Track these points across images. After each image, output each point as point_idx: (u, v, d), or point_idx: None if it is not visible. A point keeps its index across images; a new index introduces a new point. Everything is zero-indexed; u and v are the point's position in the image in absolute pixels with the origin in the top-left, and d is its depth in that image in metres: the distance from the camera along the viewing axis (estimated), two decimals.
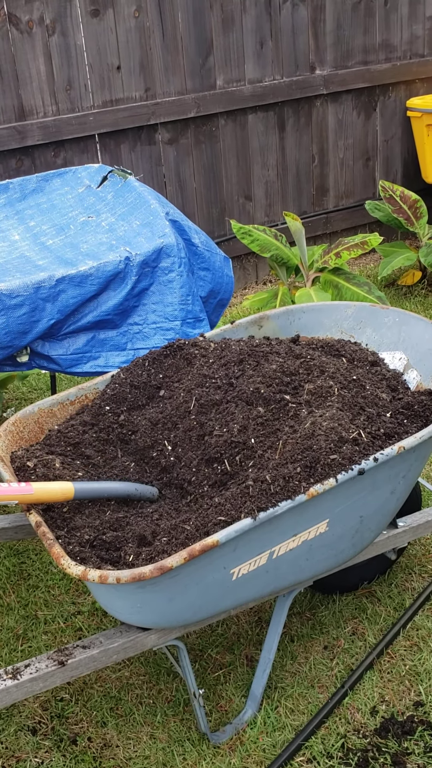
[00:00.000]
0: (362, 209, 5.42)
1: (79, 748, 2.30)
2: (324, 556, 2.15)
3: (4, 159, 4.23)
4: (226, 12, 4.66)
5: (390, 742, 2.25)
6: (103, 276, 2.74)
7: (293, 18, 4.92)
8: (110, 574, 1.78)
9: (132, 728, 2.35)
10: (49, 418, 2.47)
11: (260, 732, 2.31)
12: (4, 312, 2.60)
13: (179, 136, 4.75)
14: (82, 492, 2.10)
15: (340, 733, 2.29)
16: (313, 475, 1.97)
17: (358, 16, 5.17)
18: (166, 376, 2.51)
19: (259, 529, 1.91)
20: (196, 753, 2.26)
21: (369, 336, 2.69)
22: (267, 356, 2.43)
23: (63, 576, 2.91)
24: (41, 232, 3.08)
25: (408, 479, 2.20)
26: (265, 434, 2.15)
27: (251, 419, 2.18)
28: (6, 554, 3.04)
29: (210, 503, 2.01)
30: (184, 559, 1.80)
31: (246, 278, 5.39)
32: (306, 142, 5.26)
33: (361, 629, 2.62)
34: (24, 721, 2.39)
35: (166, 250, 2.83)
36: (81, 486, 2.10)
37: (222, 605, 2.05)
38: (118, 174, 3.23)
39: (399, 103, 5.54)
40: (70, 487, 2.07)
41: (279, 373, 2.31)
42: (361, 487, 2.06)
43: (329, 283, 4.32)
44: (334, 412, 2.14)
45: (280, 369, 2.32)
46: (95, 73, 4.37)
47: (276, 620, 2.33)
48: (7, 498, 1.96)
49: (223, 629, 2.65)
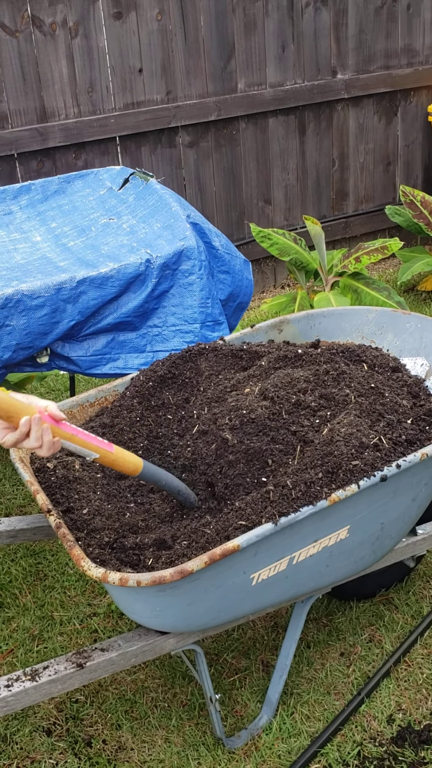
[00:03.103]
0: (382, 214, 5.40)
1: (93, 750, 2.30)
2: (344, 563, 2.14)
3: (25, 160, 4.25)
4: (248, 16, 4.66)
5: (407, 751, 2.24)
6: (123, 278, 2.75)
7: (315, 22, 4.91)
8: (131, 577, 1.77)
9: (147, 731, 2.34)
10: (69, 419, 2.46)
11: (276, 738, 2.30)
12: (26, 313, 2.61)
13: (200, 139, 4.75)
14: (147, 472, 2.03)
15: (356, 741, 2.27)
16: (334, 481, 1.96)
17: (380, 21, 5.16)
18: (186, 379, 2.50)
19: (280, 534, 1.90)
20: (211, 758, 2.25)
21: (390, 341, 2.67)
22: (287, 361, 2.42)
23: (79, 577, 2.91)
24: (63, 234, 3.08)
25: (430, 486, 2.18)
26: (285, 440, 2.14)
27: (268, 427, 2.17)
28: (22, 555, 3.04)
29: (231, 507, 2.00)
30: (205, 563, 1.79)
31: (264, 282, 5.38)
32: (326, 146, 5.25)
33: (378, 636, 2.60)
34: (39, 722, 2.38)
35: (186, 253, 2.83)
36: (149, 467, 2.04)
37: (241, 610, 2.04)
38: (139, 176, 3.23)
39: (420, 108, 5.52)
40: (140, 462, 2.01)
41: (299, 379, 2.29)
42: (383, 494, 2.05)
43: (348, 287, 4.31)
44: (351, 419, 2.12)
45: (302, 376, 2.31)
46: (117, 76, 4.38)
47: (293, 626, 2.32)
48: (93, 448, 1.88)
49: (239, 634, 2.64)
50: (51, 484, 2.17)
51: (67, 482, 2.17)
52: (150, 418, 2.43)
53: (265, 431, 2.14)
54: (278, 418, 2.16)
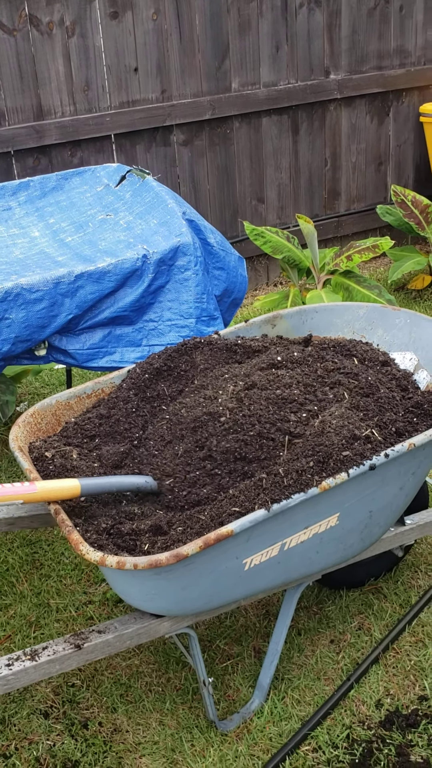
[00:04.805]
0: (374, 213, 5.47)
1: (89, 732, 2.36)
2: (333, 550, 2.20)
3: (21, 158, 4.30)
4: (242, 16, 4.72)
5: (394, 734, 2.30)
6: (120, 273, 2.80)
7: (309, 23, 4.98)
8: (128, 560, 1.83)
9: (141, 714, 2.40)
10: (66, 410, 2.53)
11: (267, 721, 2.36)
12: (24, 306, 2.66)
13: (194, 137, 4.82)
14: (89, 488, 2.06)
15: (345, 724, 2.34)
16: (325, 470, 2.02)
17: (373, 22, 5.23)
18: (181, 372, 2.56)
19: (272, 520, 1.97)
20: (204, 740, 2.31)
21: (380, 336, 2.74)
22: (279, 357, 2.48)
23: (75, 566, 2.97)
24: (60, 229, 3.14)
25: (417, 476, 2.25)
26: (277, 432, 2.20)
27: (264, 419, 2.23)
28: (19, 544, 3.10)
29: (224, 495, 2.06)
30: (200, 548, 1.85)
31: (257, 280, 5.45)
32: (319, 145, 5.31)
33: (368, 624, 2.67)
34: (36, 705, 2.44)
35: (182, 249, 2.89)
36: (87, 482, 2.07)
37: (234, 594, 2.11)
38: (136, 173, 3.29)
39: (412, 108, 5.60)
40: (76, 485, 2.04)
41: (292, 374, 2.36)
42: (372, 483, 2.11)
43: (340, 285, 4.38)
44: (343, 411, 2.19)
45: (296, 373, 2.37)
46: (113, 75, 4.43)
47: (284, 612, 2.38)
48: (10, 498, 1.95)
49: (232, 621, 2.70)
50: (49, 472, 2.23)
51: (64, 470, 2.22)
52: (146, 409, 2.49)
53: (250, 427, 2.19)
54: (264, 412, 2.22)
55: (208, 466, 2.16)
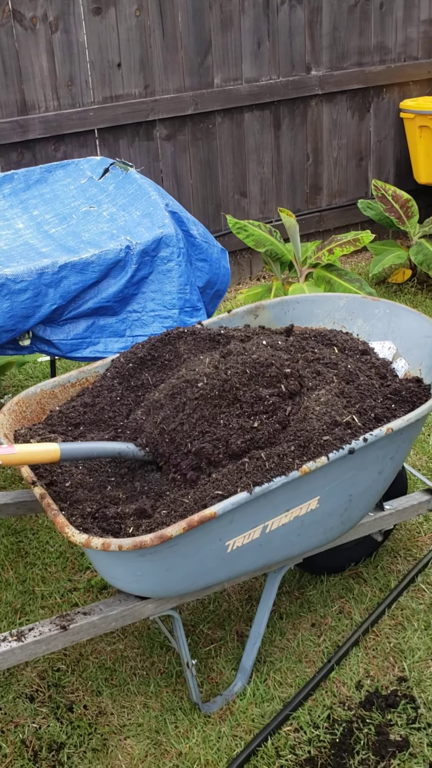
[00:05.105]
0: (355, 208, 5.53)
1: (75, 714, 2.39)
2: (314, 532, 2.25)
3: (5, 152, 4.32)
4: (225, 12, 4.76)
5: (374, 714, 2.35)
6: (104, 264, 2.84)
7: (290, 19, 5.02)
8: (113, 542, 1.87)
9: (126, 697, 2.44)
10: (51, 399, 2.56)
11: (249, 703, 2.41)
12: (9, 296, 2.69)
13: (177, 132, 4.85)
14: (69, 452, 2.05)
15: (326, 705, 2.39)
16: (306, 454, 2.07)
17: (353, 19, 5.28)
18: (165, 361, 2.60)
19: (254, 503, 2.01)
20: (188, 721, 2.35)
21: (360, 326, 2.79)
22: (262, 344, 2.52)
23: (60, 554, 3.00)
24: (44, 221, 3.17)
25: (395, 461, 2.30)
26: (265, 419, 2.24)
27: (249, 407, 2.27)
28: (4, 533, 3.13)
29: (207, 479, 2.10)
30: (183, 529, 1.90)
31: (240, 273, 5.49)
32: (301, 141, 5.36)
33: (348, 608, 2.72)
34: (22, 689, 2.48)
35: (165, 240, 2.92)
36: (67, 447, 2.06)
37: (217, 576, 2.15)
38: (119, 166, 3.32)
39: (392, 104, 5.66)
40: (55, 448, 2.04)
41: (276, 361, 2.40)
42: (351, 466, 2.16)
43: (322, 278, 4.43)
44: (329, 398, 2.24)
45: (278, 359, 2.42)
46: (96, 70, 4.46)
47: (266, 595, 2.43)
48: None
49: (215, 606, 2.74)
50: None
51: None
52: (130, 397, 2.52)
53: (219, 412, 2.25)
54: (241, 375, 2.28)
55: (187, 426, 2.21)
